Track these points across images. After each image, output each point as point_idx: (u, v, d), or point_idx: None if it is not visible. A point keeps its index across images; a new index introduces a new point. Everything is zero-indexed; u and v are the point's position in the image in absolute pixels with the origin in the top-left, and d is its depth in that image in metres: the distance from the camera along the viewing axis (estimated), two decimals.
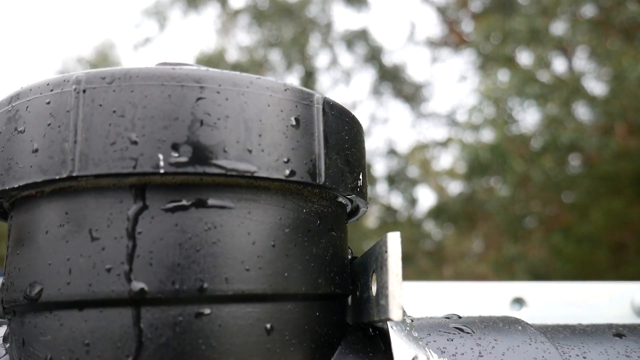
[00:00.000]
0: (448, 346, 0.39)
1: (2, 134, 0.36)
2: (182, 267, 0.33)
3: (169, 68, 0.34)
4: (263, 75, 0.37)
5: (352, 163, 0.41)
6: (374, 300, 0.38)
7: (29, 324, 0.35)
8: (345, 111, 0.41)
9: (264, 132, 0.35)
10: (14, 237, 0.38)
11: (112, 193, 0.34)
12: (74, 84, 0.34)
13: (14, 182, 0.35)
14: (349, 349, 0.40)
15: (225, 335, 0.33)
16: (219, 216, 0.34)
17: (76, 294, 0.33)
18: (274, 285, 0.35)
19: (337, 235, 0.41)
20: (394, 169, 13.80)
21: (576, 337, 0.43)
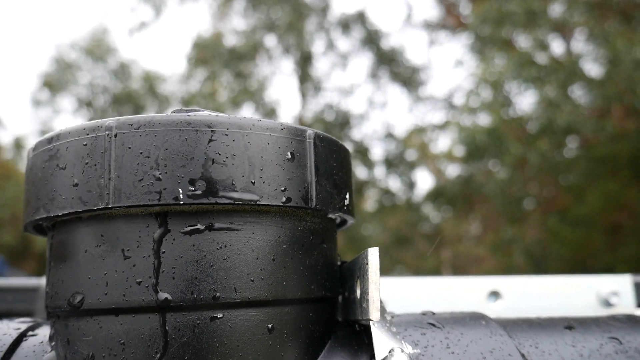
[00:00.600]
0: (421, 339, 0.47)
1: (45, 169, 0.44)
2: (199, 279, 0.40)
3: (185, 115, 0.41)
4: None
5: (339, 186, 0.48)
6: (358, 303, 0.46)
7: (72, 326, 0.43)
8: (334, 141, 0.48)
9: (264, 167, 0.42)
10: (55, 253, 0.45)
11: (140, 219, 0.41)
12: (106, 129, 0.41)
13: (58, 211, 0.42)
14: (337, 343, 0.47)
15: (235, 335, 0.41)
16: (228, 237, 0.42)
17: (113, 302, 0.40)
18: (274, 293, 0.43)
19: (328, 247, 0.49)
20: (392, 152, 13.86)
21: (532, 330, 0.51)
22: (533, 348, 0.48)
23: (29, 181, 0.46)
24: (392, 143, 13.89)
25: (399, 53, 13.80)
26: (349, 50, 14.13)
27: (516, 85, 8.22)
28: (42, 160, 0.44)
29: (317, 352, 0.46)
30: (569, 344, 0.49)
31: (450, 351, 0.46)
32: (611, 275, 0.77)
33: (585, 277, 0.77)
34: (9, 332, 0.46)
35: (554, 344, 0.49)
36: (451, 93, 12.21)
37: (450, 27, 12.13)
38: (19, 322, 0.49)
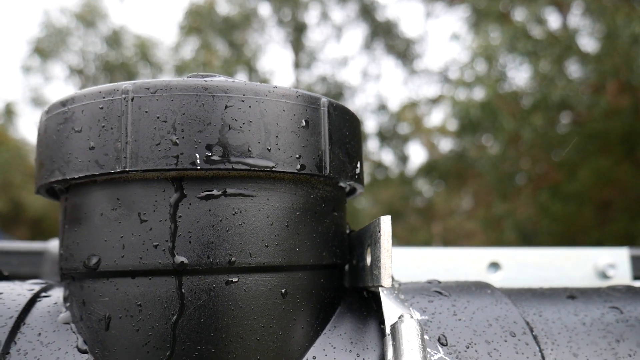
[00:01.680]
0: (428, 306, 0.48)
1: (59, 131, 0.44)
2: (215, 244, 0.41)
3: (202, 80, 0.41)
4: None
5: (351, 155, 0.48)
6: (368, 270, 0.46)
7: (88, 287, 0.43)
8: (346, 110, 0.48)
9: (280, 134, 0.42)
10: (70, 216, 0.45)
11: (156, 184, 0.41)
12: (123, 93, 0.41)
13: (74, 173, 0.42)
14: (347, 309, 0.48)
15: (249, 299, 0.42)
16: (243, 203, 0.42)
17: (129, 265, 0.41)
18: (288, 258, 0.43)
19: (338, 215, 0.49)
20: (385, 125, 13.85)
21: (535, 299, 0.52)
22: (537, 316, 0.49)
23: (43, 144, 0.46)
24: (385, 116, 13.87)
25: (395, 25, 13.68)
26: (344, 22, 13.99)
27: (511, 59, 8.18)
28: (56, 122, 0.44)
29: (328, 317, 0.47)
30: (572, 312, 0.50)
31: (457, 318, 0.47)
32: (609, 248, 0.79)
33: (584, 249, 0.78)
34: (22, 293, 0.47)
35: (557, 312, 0.50)
36: (446, 66, 12.15)
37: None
38: (32, 284, 0.49)
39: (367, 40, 13.92)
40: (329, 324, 0.47)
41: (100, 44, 14.81)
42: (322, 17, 13.85)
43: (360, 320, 0.47)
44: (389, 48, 13.91)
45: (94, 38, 14.78)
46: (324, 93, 13.61)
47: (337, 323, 0.47)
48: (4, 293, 0.46)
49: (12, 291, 0.47)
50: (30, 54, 14.66)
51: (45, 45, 14.47)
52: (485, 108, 7.94)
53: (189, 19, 13.69)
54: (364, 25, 13.77)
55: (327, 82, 13.86)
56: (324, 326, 0.46)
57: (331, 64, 14.20)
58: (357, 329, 0.46)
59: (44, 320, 0.45)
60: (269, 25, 14.30)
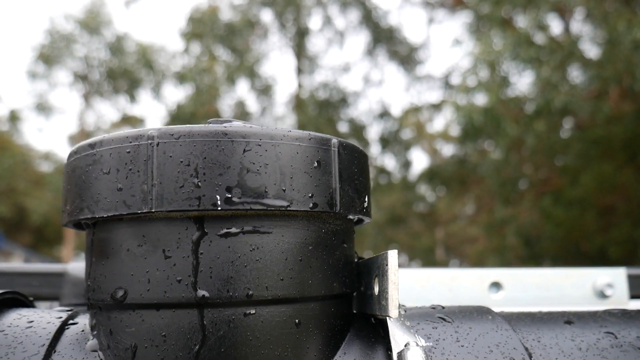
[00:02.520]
0: (433, 333, 0.51)
1: (88, 172, 0.47)
2: (234, 279, 0.44)
3: (222, 126, 0.45)
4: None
5: (360, 190, 0.51)
6: (376, 299, 0.50)
7: (115, 318, 0.46)
8: (355, 148, 0.51)
9: (294, 175, 0.45)
10: (97, 250, 0.48)
11: (179, 222, 0.44)
12: (148, 138, 0.44)
13: (103, 213, 0.45)
14: (356, 335, 0.51)
15: (266, 329, 0.45)
16: (260, 239, 0.45)
17: (154, 298, 0.44)
18: (301, 290, 0.46)
19: (347, 246, 0.52)
20: (387, 131, 13.89)
21: (534, 324, 0.55)
22: (536, 342, 0.52)
23: (71, 182, 0.49)
24: (388, 122, 13.91)
25: (397, 31, 13.73)
26: (346, 28, 14.05)
27: (514, 65, 8.21)
28: (85, 163, 0.47)
29: (338, 344, 0.50)
30: (569, 338, 0.53)
31: (459, 345, 0.50)
32: (606, 268, 0.82)
33: (582, 269, 0.81)
34: (51, 321, 0.50)
35: (554, 338, 0.53)
36: (449, 72, 12.18)
37: (449, 6, 12.05)
38: (59, 311, 0.53)
39: (369, 46, 13.98)
40: (339, 351, 0.50)
41: (104, 51, 14.89)
42: (324, 23, 13.91)
43: (369, 347, 0.50)
44: (392, 54, 13.96)
45: (98, 45, 14.86)
46: (326, 99, 13.65)
47: (347, 349, 0.50)
48: (35, 321, 0.49)
49: (42, 319, 0.50)
50: (35, 60, 14.75)
51: (50, 51, 14.56)
52: (488, 114, 7.97)
53: (191, 26, 13.77)
54: (366, 32, 13.82)
55: (329, 88, 13.92)
56: (334, 353, 0.49)
57: (333, 70, 14.26)
58: (366, 355, 0.49)
59: (73, 347, 0.48)
60: (271, 31, 14.37)
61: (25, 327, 0.49)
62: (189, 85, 13.42)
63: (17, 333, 0.48)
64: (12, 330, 0.48)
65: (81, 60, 14.76)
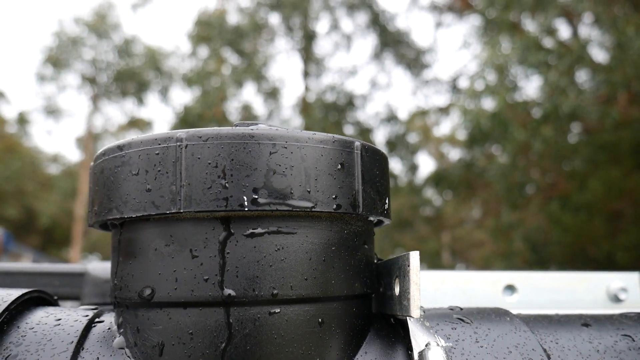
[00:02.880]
0: (452, 333, 0.52)
1: (117, 173, 0.48)
2: (260, 278, 0.45)
3: (249, 129, 0.46)
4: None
5: (381, 192, 0.52)
6: (397, 299, 0.50)
7: (142, 316, 0.47)
8: (377, 150, 0.52)
9: (318, 177, 0.46)
10: (125, 250, 0.49)
11: (206, 222, 0.45)
12: (177, 140, 0.45)
13: (132, 213, 0.46)
14: (376, 335, 0.52)
15: (290, 327, 0.46)
16: (285, 240, 0.46)
17: (182, 296, 0.45)
18: (324, 290, 0.47)
19: (369, 247, 0.53)
20: (394, 134, 13.89)
21: (552, 326, 0.55)
22: (554, 343, 0.53)
23: (99, 183, 0.50)
24: (394, 125, 13.91)
25: (405, 35, 13.74)
26: (354, 31, 14.07)
27: (522, 70, 8.19)
28: (113, 165, 0.48)
29: (359, 344, 0.51)
30: (586, 340, 0.54)
31: (479, 345, 0.51)
32: (620, 272, 0.82)
33: (596, 273, 0.82)
34: (78, 319, 0.51)
35: (572, 340, 0.53)
36: (456, 76, 12.18)
37: (457, 10, 12.05)
38: (85, 309, 0.54)
39: (376, 50, 13.99)
40: (361, 350, 0.51)
41: (112, 54, 14.97)
42: (331, 27, 13.94)
43: (389, 346, 0.51)
44: (399, 57, 13.97)
45: (106, 48, 14.94)
46: (333, 102, 13.67)
47: (367, 349, 0.51)
48: (62, 319, 0.51)
49: (69, 317, 0.51)
50: (43, 63, 14.84)
51: (59, 54, 14.64)
52: (496, 118, 7.95)
53: (198, 29, 13.83)
54: (373, 35, 13.84)
55: (336, 91, 13.93)
56: (356, 352, 0.50)
57: (340, 73, 14.27)
58: (387, 354, 0.50)
59: (100, 345, 0.49)
60: (278, 34, 14.41)
61: (53, 324, 0.50)
62: (197, 88, 13.47)
63: (46, 330, 0.49)
64: (40, 328, 0.49)
65: (89, 63, 14.84)
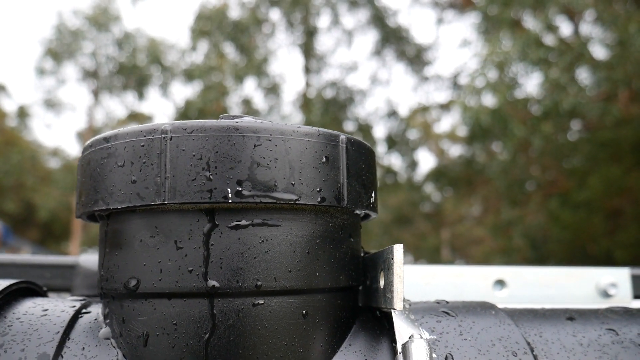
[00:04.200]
0: (437, 326, 0.52)
1: (103, 165, 0.48)
2: (244, 270, 0.45)
3: (233, 122, 0.46)
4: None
5: (367, 185, 0.52)
6: (382, 292, 0.51)
7: (128, 307, 0.48)
8: (362, 144, 0.53)
9: (303, 169, 0.47)
10: (111, 241, 0.50)
11: (190, 214, 0.46)
12: (162, 132, 0.46)
13: (117, 204, 0.47)
14: (361, 328, 0.53)
15: (274, 319, 0.46)
16: (269, 232, 0.46)
17: (166, 287, 0.45)
18: (308, 282, 0.48)
19: (354, 240, 0.53)
20: (394, 130, 13.88)
21: (536, 320, 0.56)
22: (537, 337, 0.53)
23: (86, 174, 0.50)
24: (395, 121, 13.90)
25: (406, 31, 13.72)
26: (355, 27, 14.04)
27: (522, 67, 8.18)
28: (100, 157, 0.49)
29: (344, 336, 0.51)
30: (570, 333, 0.54)
31: (463, 338, 0.51)
32: (610, 267, 0.82)
33: (586, 269, 0.82)
34: (65, 310, 0.51)
35: (556, 333, 0.54)
36: (457, 73, 12.16)
37: (459, 6, 12.02)
38: (73, 300, 0.54)
39: (377, 46, 13.97)
40: (345, 342, 0.51)
41: (112, 47, 14.95)
42: (333, 22, 13.92)
43: (374, 339, 0.51)
44: (400, 54, 13.95)
45: (106, 41, 14.93)
46: (333, 97, 13.67)
47: (352, 341, 0.51)
48: (49, 310, 0.51)
49: (56, 308, 0.51)
50: (43, 56, 14.83)
51: (59, 47, 14.63)
52: (496, 115, 7.95)
53: (199, 23, 13.81)
54: (374, 31, 13.82)
55: (336, 87, 13.92)
56: (340, 344, 0.50)
57: (341, 69, 14.26)
58: (371, 347, 0.50)
59: (86, 335, 0.49)
60: (279, 29, 14.39)
61: (40, 314, 0.50)
62: (197, 83, 13.46)
63: (32, 320, 0.49)
64: (27, 318, 0.50)
65: (90, 56, 14.83)
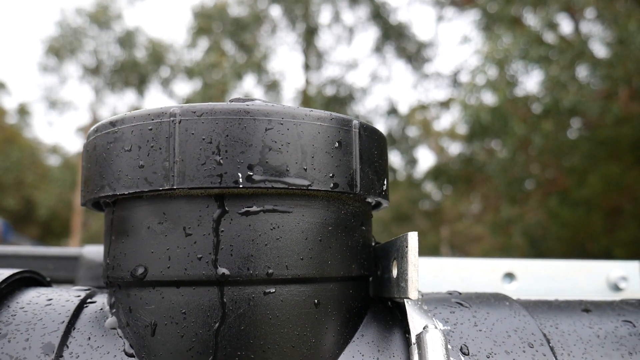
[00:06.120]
0: (450, 317, 0.51)
1: (109, 150, 0.47)
2: (254, 257, 0.44)
3: (244, 105, 0.44)
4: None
5: (379, 172, 0.51)
6: (395, 282, 0.49)
7: (135, 295, 0.46)
8: (375, 130, 0.51)
9: (315, 154, 0.45)
10: (117, 228, 0.48)
11: (200, 200, 0.44)
12: (171, 116, 0.44)
13: (124, 190, 0.45)
14: (373, 318, 0.51)
15: (285, 308, 0.45)
16: (280, 218, 0.45)
17: (175, 275, 0.44)
18: (320, 271, 0.46)
19: (366, 229, 0.52)
20: (394, 128, 13.87)
21: (551, 311, 0.55)
22: (553, 328, 0.52)
23: (92, 160, 0.49)
24: (394, 119, 13.89)
25: (406, 28, 13.70)
26: (355, 24, 14.02)
27: (522, 64, 8.16)
28: (106, 141, 0.47)
29: (356, 326, 0.50)
30: (587, 325, 0.53)
31: (477, 329, 0.50)
32: (621, 261, 0.81)
33: (596, 262, 0.81)
34: (70, 299, 0.50)
35: (572, 324, 0.52)
36: (457, 70, 12.14)
37: (459, 3, 11.99)
38: (77, 290, 0.53)
39: (377, 43, 13.95)
40: (357, 332, 0.50)
41: (113, 45, 14.92)
42: (333, 19, 13.89)
43: (387, 329, 0.50)
44: (400, 51, 13.93)
45: (108, 39, 14.90)
46: (333, 95, 13.65)
47: (364, 331, 0.50)
48: (54, 299, 0.50)
49: (61, 297, 0.50)
50: (44, 53, 14.80)
51: (60, 44, 14.60)
52: (496, 113, 7.93)
53: (198, 21, 13.78)
54: (375, 28, 13.80)
55: (336, 85, 13.91)
56: (352, 334, 0.49)
57: (341, 66, 14.24)
58: (384, 337, 0.49)
59: (92, 325, 0.48)
60: (279, 27, 14.36)
61: (44, 304, 0.49)
62: (198, 80, 13.43)
63: (36, 310, 0.48)
64: (31, 307, 0.48)
65: (91, 53, 14.79)
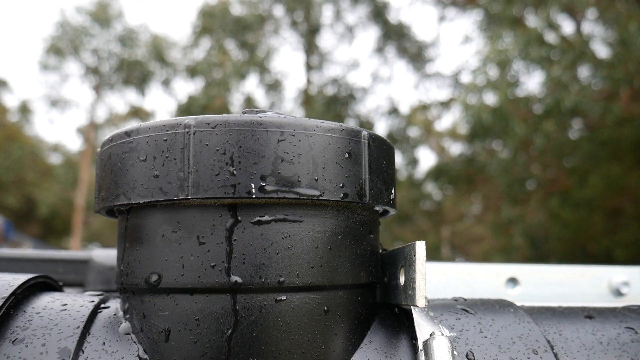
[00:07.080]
0: (456, 324, 0.52)
1: (125, 159, 0.48)
2: (266, 265, 0.45)
3: (257, 116, 0.46)
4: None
5: (387, 182, 0.52)
6: (402, 289, 0.50)
7: (149, 302, 0.48)
8: (384, 141, 0.52)
9: (326, 165, 0.46)
10: (131, 236, 0.49)
11: (213, 209, 0.46)
12: (185, 127, 0.45)
13: (139, 199, 0.46)
14: (381, 324, 0.52)
15: (296, 315, 0.46)
16: (292, 228, 0.46)
17: (188, 283, 0.45)
18: (330, 279, 0.47)
19: (374, 237, 0.53)
20: (395, 128, 13.87)
21: (555, 318, 0.56)
22: (557, 335, 0.53)
23: (107, 169, 0.50)
24: (396, 119, 13.90)
25: (407, 28, 13.70)
26: (356, 24, 14.02)
27: (524, 65, 8.16)
28: (121, 151, 0.48)
29: (364, 332, 0.51)
30: (590, 332, 0.54)
31: (483, 335, 0.51)
32: (623, 266, 0.82)
33: (599, 267, 0.82)
34: (85, 305, 0.51)
35: (575, 331, 0.54)
36: (458, 70, 12.15)
37: (460, 4, 11.99)
38: (91, 295, 0.54)
39: (379, 43, 13.96)
40: (365, 339, 0.51)
41: (114, 43, 14.94)
42: (335, 18, 13.90)
43: (394, 336, 0.51)
44: (401, 51, 13.94)
45: (109, 37, 14.91)
46: (335, 95, 13.66)
47: (372, 338, 0.51)
48: (68, 304, 0.51)
49: (75, 302, 0.51)
50: (45, 52, 14.82)
51: (61, 43, 14.61)
52: (497, 113, 7.94)
53: (201, 20, 13.79)
54: (376, 28, 13.80)
55: (337, 84, 13.91)
56: (361, 340, 0.50)
57: (342, 66, 14.25)
58: (391, 343, 0.50)
59: (106, 330, 0.49)
60: (282, 26, 14.37)
61: (59, 309, 0.50)
62: (200, 79, 13.45)
63: (52, 315, 0.49)
64: (47, 313, 0.49)
65: (92, 52, 14.81)
